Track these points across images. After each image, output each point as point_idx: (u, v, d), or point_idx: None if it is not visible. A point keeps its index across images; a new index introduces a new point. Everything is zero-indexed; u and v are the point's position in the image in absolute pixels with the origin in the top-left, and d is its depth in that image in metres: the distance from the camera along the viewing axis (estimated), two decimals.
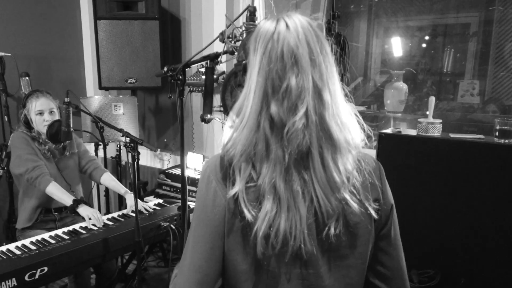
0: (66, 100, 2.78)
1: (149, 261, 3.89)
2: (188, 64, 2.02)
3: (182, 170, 2.29)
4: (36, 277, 2.23)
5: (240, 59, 1.76)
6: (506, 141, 2.35)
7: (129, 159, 2.57)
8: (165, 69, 2.06)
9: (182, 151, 2.27)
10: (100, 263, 2.82)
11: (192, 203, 3.00)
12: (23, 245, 2.49)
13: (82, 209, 2.79)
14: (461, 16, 3.63)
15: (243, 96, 1.04)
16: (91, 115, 3.02)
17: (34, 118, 2.90)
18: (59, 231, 2.70)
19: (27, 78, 3.62)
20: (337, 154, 1.00)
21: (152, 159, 4.35)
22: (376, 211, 1.07)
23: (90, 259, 2.53)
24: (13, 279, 2.14)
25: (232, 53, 1.96)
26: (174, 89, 2.12)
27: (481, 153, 2.40)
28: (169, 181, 3.63)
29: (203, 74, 3.13)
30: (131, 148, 2.52)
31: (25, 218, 2.95)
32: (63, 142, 2.98)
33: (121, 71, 3.72)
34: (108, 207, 3.97)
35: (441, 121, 2.59)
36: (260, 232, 0.98)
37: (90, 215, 2.76)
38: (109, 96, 4.11)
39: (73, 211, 2.80)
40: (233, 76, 1.84)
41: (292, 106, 0.97)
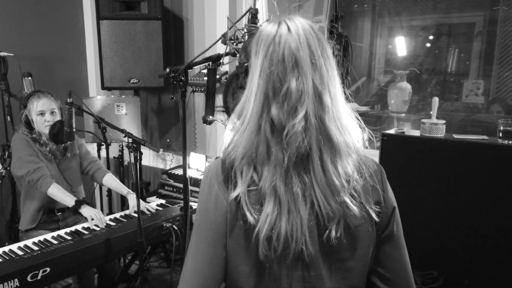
0: (68, 100, 2.78)
1: (152, 261, 3.89)
2: (190, 66, 2.02)
3: (184, 171, 2.29)
4: (39, 277, 2.23)
5: (241, 61, 1.75)
6: (510, 142, 2.33)
7: (131, 159, 2.57)
8: (167, 70, 2.06)
9: (184, 152, 2.26)
10: (103, 263, 2.82)
11: (194, 204, 3.00)
12: (26, 246, 2.49)
13: (85, 209, 2.79)
14: (465, 15, 3.61)
15: (245, 98, 1.05)
16: (93, 115, 3.01)
17: (35, 118, 2.90)
18: (61, 232, 2.70)
19: (29, 78, 3.62)
20: (336, 157, 1.00)
21: (155, 159, 4.35)
22: (377, 214, 1.06)
23: (92, 259, 2.53)
24: (16, 279, 2.13)
25: (234, 55, 1.95)
26: (176, 90, 2.12)
27: (484, 154, 2.39)
28: (171, 182, 3.62)
29: (205, 75, 3.13)
30: (134, 149, 2.52)
31: (28, 220, 2.95)
32: (65, 143, 2.98)
33: (124, 71, 3.72)
34: (111, 207, 3.97)
35: (444, 121, 2.58)
36: (261, 235, 0.98)
37: (92, 215, 2.76)
38: (112, 96, 4.11)
39: (75, 212, 2.80)
40: (235, 78, 1.84)
41: (292, 109, 0.97)
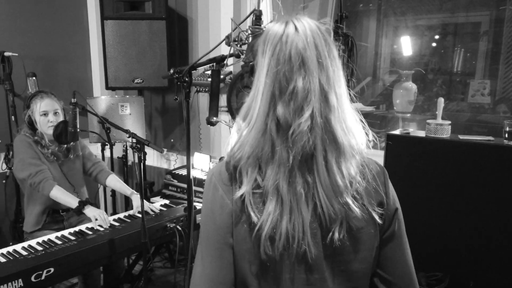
0: (72, 100, 2.78)
1: (156, 262, 3.89)
2: (194, 67, 2.01)
3: (188, 172, 2.28)
4: (43, 278, 2.23)
5: (247, 60, 1.74)
6: None
7: (135, 159, 2.56)
8: (171, 71, 2.05)
9: (188, 153, 2.26)
10: (107, 264, 2.82)
11: (198, 204, 2.99)
12: (30, 246, 2.49)
13: (89, 210, 2.79)
14: (471, 15, 3.59)
15: (251, 98, 1.04)
16: (97, 115, 3.01)
17: (38, 119, 2.90)
18: (65, 232, 2.70)
19: (34, 78, 3.63)
20: (341, 158, 1.00)
21: (159, 159, 4.35)
22: (380, 216, 1.06)
23: (96, 260, 2.52)
24: (20, 280, 2.13)
25: (238, 56, 1.95)
26: (180, 91, 2.11)
27: (490, 155, 2.38)
28: (175, 182, 3.62)
29: (209, 76, 3.12)
30: (138, 149, 2.51)
31: (32, 222, 2.95)
32: (69, 143, 2.97)
33: (128, 71, 3.72)
34: (115, 207, 3.97)
35: (450, 122, 2.57)
36: (263, 233, 0.98)
37: (96, 215, 2.75)
38: (116, 96, 4.11)
39: (79, 212, 2.80)
40: (239, 78, 1.83)
41: (298, 108, 0.97)
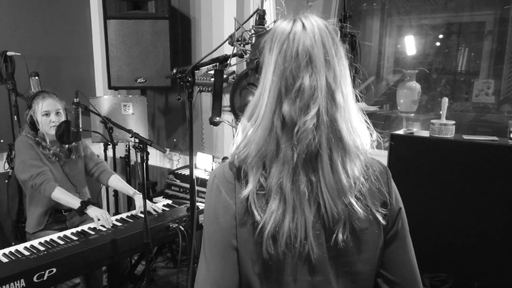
0: (75, 100, 2.78)
1: (158, 262, 3.89)
2: (197, 67, 2.00)
3: (191, 172, 2.27)
4: (45, 278, 2.23)
5: (252, 57, 1.73)
6: None
7: (138, 159, 2.56)
8: (174, 71, 2.04)
9: (191, 153, 2.25)
10: (109, 264, 2.82)
11: (201, 204, 2.98)
12: (32, 246, 2.49)
13: (91, 210, 2.79)
14: (475, 14, 3.57)
15: (258, 95, 1.03)
16: (100, 115, 3.01)
17: (40, 119, 2.89)
18: (67, 232, 2.70)
19: (36, 77, 3.62)
20: (346, 158, 0.99)
21: (162, 159, 4.34)
22: (384, 216, 1.05)
23: (98, 260, 2.53)
24: (22, 280, 2.13)
25: (241, 56, 1.93)
26: (183, 90, 2.10)
27: (494, 155, 2.37)
28: (178, 182, 3.61)
29: (212, 76, 3.11)
30: (140, 149, 2.51)
31: (35, 223, 2.95)
32: (71, 143, 2.97)
33: (131, 71, 3.71)
34: (117, 207, 3.97)
35: (454, 122, 2.55)
36: (265, 232, 0.97)
37: (99, 215, 2.75)
38: (119, 96, 4.10)
39: (81, 213, 2.79)
40: (243, 77, 1.82)
41: (304, 106, 0.96)
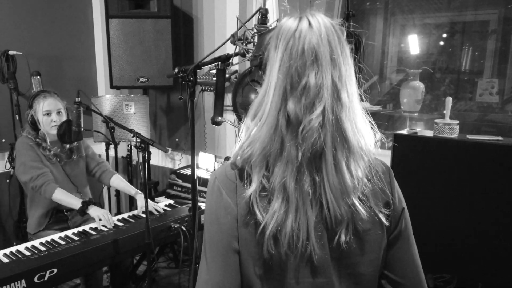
0: (76, 100, 2.77)
1: (160, 262, 3.88)
2: (199, 66, 1.98)
3: (192, 172, 2.26)
4: (46, 278, 2.21)
5: (256, 53, 1.71)
6: None
7: (140, 159, 2.55)
8: (176, 70, 2.03)
9: (193, 153, 2.23)
10: (110, 264, 2.81)
11: (203, 204, 2.97)
12: (33, 246, 2.48)
13: (92, 210, 2.78)
14: (479, 13, 3.56)
15: (262, 93, 1.02)
16: (101, 115, 2.99)
17: (41, 118, 2.88)
18: (68, 232, 2.69)
19: (38, 77, 3.61)
20: (350, 158, 0.98)
21: (164, 158, 4.33)
22: (387, 217, 1.04)
23: (100, 260, 2.51)
24: (22, 280, 2.12)
25: (243, 55, 1.92)
26: (185, 90, 2.09)
27: (499, 155, 2.35)
28: (180, 182, 3.60)
29: (214, 76, 3.09)
30: (142, 149, 2.49)
31: (36, 224, 2.95)
32: (73, 142, 2.96)
33: (133, 70, 3.70)
34: (119, 207, 3.96)
35: (458, 122, 2.54)
36: (267, 232, 0.96)
37: (100, 215, 2.74)
38: (121, 95, 4.10)
39: (83, 213, 2.79)
40: (246, 75, 1.81)
41: (309, 104, 0.95)
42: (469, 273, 2.46)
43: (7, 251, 2.41)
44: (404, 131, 2.71)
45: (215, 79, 1.96)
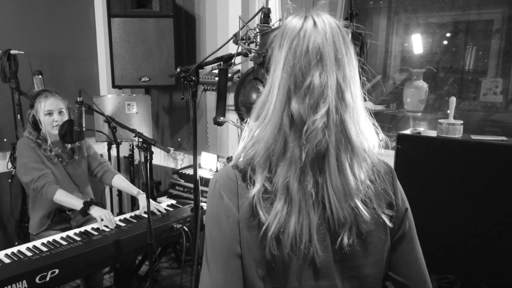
0: (78, 99, 2.76)
1: (162, 262, 3.87)
2: (201, 66, 1.97)
3: (195, 173, 2.25)
4: (47, 279, 2.21)
5: (260, 51, 1.70)
6: None
7: (142, 158, 2.54)
8: (178, 70, 2.01)
9: (195, 153, 2.22)
10: (112, 264, 2.80)
11: (205, 205, 2.95)
12: (34, 247, 2.48)
13: (94, 210, 2.78)
14: (483, 12, 3.54)
15: (266, 92, 1.01)
16: (103, 115, 2.99)
17: (43, 118, 2.87)
18: (70, 232, 2.69)
19: (40, 76, 3.60)
20: (354, 160, 0.97)
21: (166, 158, 4.32)
22: (390, 218, 1.03)
23: (101, 261, 2.51)
24: (24, 281, 2.12)
25: (245, 55, 1.91)
26: (187, 90, 2.07)
27: (503, 155, 2.33)
28: (182, 182, 3.59)
29: (216, 76, 3.07)
30: (144, 149, 2.48)
31: (38, 224, 2.94)
32: (75, 142, 2.95)
33: (135, 70, 3.69)
34: (121, 207, 3.95)
35: (462, 122, 2.52)
36: (269, 233, 0.95)
37: (102, 216, 2.74)
38: (123, 94, 4.08)
39: (85, 214, 2.78)
40: (249, 75, 1.79)
41: (314, 104, 0.94)
42: (473, 274, 2.44)
43: (9, 251, 2.41)
44: (408, 131, 2.70)
45: (217, 79, 1.95)
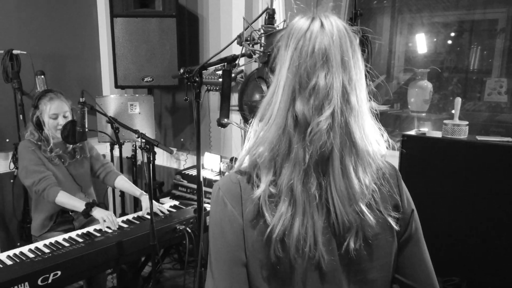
0: (81, 100, 2.75)
1: (165, 263, 3.86)
2: (205, 67, 1.96)
3: (198, 175, 2.23)
4: (49, 281, 2.20)
5: (265, 50, 1.69)
6: None
7: (144, 159, 2.53)
8: (181, 71, 2.00)
9: (198, 154, 2.21)
10: (115, 266, 2.79)
11: (208, 206, 2.94)
12: (37, 248, 2.47)
13: (96, 211, 2.77)
14: (488, 12, 3.52)
15: (271, 93, 1.00)
16: (106, 115, 2.98)
17: (48, 121, 2.88)
18: (73, 234, 2.68)
19: (42, 76, 3.59)
20: (358, 163, 0.96)
21: (169, 159, 4.31)
22: (396, 220, 1.02)
23: (104, 262, 2.49)
24: (26, 283, 2.11)
25: (250, 56, 1.89)
26: (190, 90, 2.06)
27: (509, 156, 2.32)
28: (185, 182, 3.58)
29: (219, 77, 3.06)
30: (147, 150, 2.47)
31: (41, 226, 2.94)
32: (77, 143, 2.95)
33: (138, 70, 3.68)
34: (124, 208, 3.94)
35: (467, 123, 2.50)
36: (273, 235, 0.94)
37: (104, 217, 2.73)
38: (125, 95, 4.07)
39: (87, 215, 2.77)
40: (254, 76, 1.78)
41: (318, 105, 0.94)
42: (479, 277, 2.43)
43: (11, 253, 2.40)
44: (413, 132, 2.68)
45: (221, 80, 1.94)
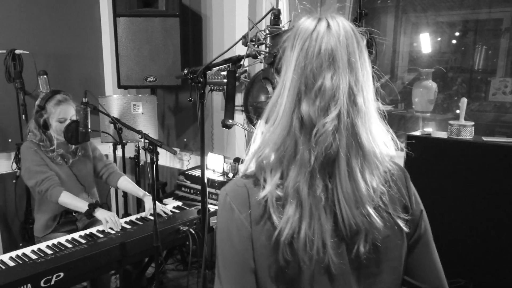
0: (83, 100, 2.74)
1: (168, 264, 3.85)
2: (209, 67, 1.94)
3: (202, 175, 2.21)
4: (52, 282, 2.18)
5: (272, 51, 1.68)
6: None
7: (147, 159, 2.51)
8: (185, 71, 1.98)
9: (202, 155, 2.19)
10: (117, 267, 2.78)
11: (211, 207, 2.93)
12: (39, 249, 2.46)
13: (99, 212, 2.76)
14: (493, 11, 3.50)
15: (277, 94, 0.99)
16: (109, 116, 2.96)
17: (55, 124, 2.88)
18: (75, 235, 2.67)
19: (45, 76, 3.58)
20: (365, 165, 0.95)
21: (172, 159, 4.30)
22: (406, 222, 1.01)
23: (107, 264, 2.48)
24: (28, 284, 2.10)
25: (255, 56, 1.87)
26: (194, 91, 2.04)
27: None
28: (188, 183, 3.56)
29: (224, 78, 3.04)
30: (150, 150, 2.46)
31: (44, 227, 2.93)
32: (80, 143, 2.94)
33: (141, 70, 3.67)
34: (126, 208, 3.93)
35: (473, 123, 2.48)
36: (281, 238, 0.93)
37: (107, 218, 2.72)
38: (128, 95, 4.06)
39: (90, 216, 2.76)
40: (259, 77, 1.76)
41: (324, 107, 0.93)
42: (485, 279, 2.41)
43: (13, 254, 2.39)
44: (418, 133, 2.67)
45: (225, 80, 1.92)
